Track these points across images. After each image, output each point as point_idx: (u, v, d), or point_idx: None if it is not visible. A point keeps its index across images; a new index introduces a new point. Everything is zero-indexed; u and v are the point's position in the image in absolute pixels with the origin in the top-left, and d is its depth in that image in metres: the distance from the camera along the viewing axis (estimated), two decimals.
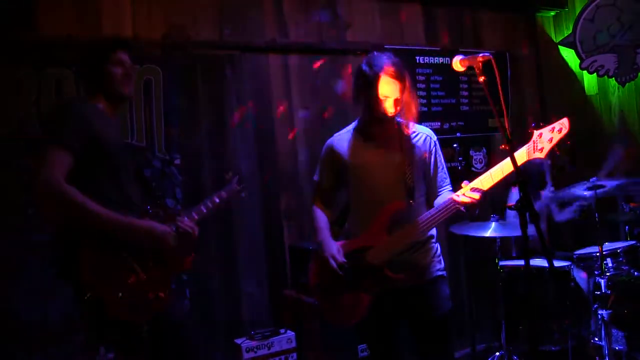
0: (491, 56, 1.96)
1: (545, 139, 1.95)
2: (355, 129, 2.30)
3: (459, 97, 4.02)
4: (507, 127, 1.84)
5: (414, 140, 2.23)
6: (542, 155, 1.95)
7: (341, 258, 2.14)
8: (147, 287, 1.89)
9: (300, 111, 3.54)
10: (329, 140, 2.34)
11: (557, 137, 1.94)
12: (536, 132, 1.98)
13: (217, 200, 2.31)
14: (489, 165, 4.13)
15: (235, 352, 2.99)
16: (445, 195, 2.16)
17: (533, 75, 4.50)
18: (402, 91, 2.11)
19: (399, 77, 2.09)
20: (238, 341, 2.99)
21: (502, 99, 1.83)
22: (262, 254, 3.34)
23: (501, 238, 3.27)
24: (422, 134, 2.27)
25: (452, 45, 4.05)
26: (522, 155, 1.96)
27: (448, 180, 2.28)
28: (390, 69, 2.08)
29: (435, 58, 3.92)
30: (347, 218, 2.34)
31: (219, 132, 3.27)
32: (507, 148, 1.84)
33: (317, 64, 3.60)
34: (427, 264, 2.21)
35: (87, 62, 2.01)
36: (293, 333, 3.05)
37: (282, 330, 3.06)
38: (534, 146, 1.96)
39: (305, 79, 3.56)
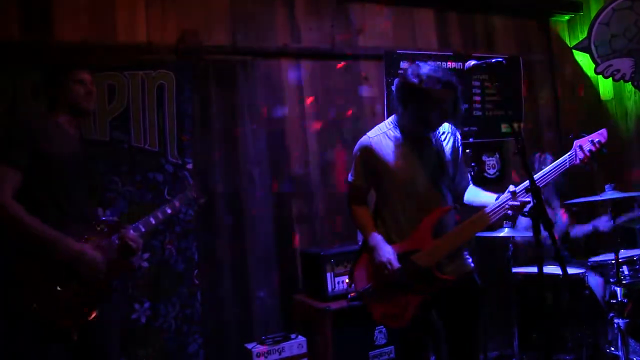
0: (504, 61, 1.96)
1: (586, 149, 2.09)
2: (392, 131, 2.27)
3: (471, 102, 3.98)
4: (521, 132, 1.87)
5: (445, 141, 2.27)
6: (582, 165, 2.10)
7: (397, 263, 2.15)
8: (79, 296, 1.97)
9: (312, 116, 3.54)
10: (365, 141, 2.29)
11: (596, 147, 2.09)
12: (576, 142, 2.12)
13: (169, 211, 2.32)
14: (501, 170, 4.11)
15: (246, 357, 2.98)
16: (484, 194, 2.24)
17: (547, 81, 4.46)
18: (448, 104, 2.11)
19: (447, 91, 2.07)
20: (249, 346, 2.99)
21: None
22: (273, 259, 3.34)
23: (514, 244, 3.23)
24: (448, 132, 2.31)
25: (465, 51, 4.02)
26: (563, 164, 2.11)
27: (469, 176, 2.36)
28: (440, 84, 2.05)
29: (448, 63, 3.89)
30: (377, 219, 2.32)
31: (231, 137, 3.28)
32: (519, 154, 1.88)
33: (329, 69, 3.60)
34: (465, 258, 2.28)
35: (50, 82, 2.13)
36: (304, 338, 3.04)
37: (293, 336, 3.05)
38: (575, 156, 2.11)
39: (318, 84, 3.56)
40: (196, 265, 3.07)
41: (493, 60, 2.00)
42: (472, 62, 2.07)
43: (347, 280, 3.08)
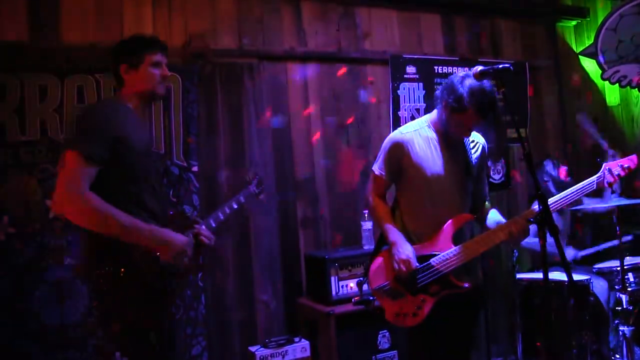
0: (511, 67, 1.96)
1: (615, 173, 2.14)
2: (426, 130, 2.29)
3: None
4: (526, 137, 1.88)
5: (473, 150, 2.30)
6: (608, 187, 2.16)
7: (415, 262, 2.17)
8: (164, 294, 1.89)
9: (318, 119, 3.54)
10: (397, 137, 2.29)
11: (625, 172, 2.15)
12: (605, 165, 2.17)
13: (236, 206, 2.27)
14: (507, 176, 4.10)
15: None
16: (496, 216, 2.30)
17: (553, 86, 4.45)
18: (484, 123, 2.17)
19: (488, 116, 2.13)
20: (252, 349, 2.99)
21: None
22: (277, 262, 3.34)
23: (519, 250, 3.22)
24: (478, 142, 2.34)
25: (471, 55, 4.02)
26: (590, 185, 2.15)
27: (487, 189, 2.42)
28: (484, 108, 2.10)
29: (454, 68, 3.89)
30: (395, 216, 2.34)
31: (237, 140, 3.29)
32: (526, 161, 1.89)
33: (335, 73, 3.61)
34: (479, 267, 2.36)
35: (124, 62, 1.95)
36: (307, 342, 3.04)
37: (297, 339, 3.05)
38: (604, 179, 2.16)
39: (324, 87, 3.57)
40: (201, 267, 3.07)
41: (500, 67, 2.00)
42: (479, 68, 2.07)
43: (351, 285, 3.08)
